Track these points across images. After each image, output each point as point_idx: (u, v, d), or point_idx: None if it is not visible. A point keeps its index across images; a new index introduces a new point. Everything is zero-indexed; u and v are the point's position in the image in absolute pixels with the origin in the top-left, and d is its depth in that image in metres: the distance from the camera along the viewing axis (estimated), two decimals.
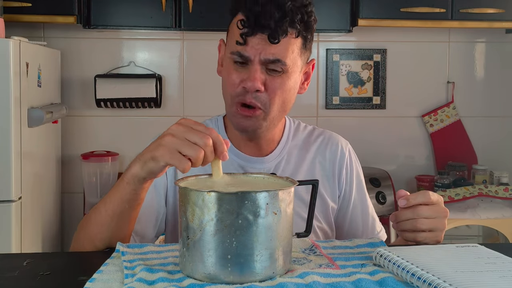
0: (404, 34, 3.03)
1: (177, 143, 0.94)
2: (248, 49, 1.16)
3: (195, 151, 0.92)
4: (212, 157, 0.94)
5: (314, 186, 1.00)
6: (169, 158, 0.94)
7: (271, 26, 1.13)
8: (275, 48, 1.15)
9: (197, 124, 0.96)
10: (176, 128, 0.95)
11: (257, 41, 1.15)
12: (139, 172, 1.00)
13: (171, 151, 0.94)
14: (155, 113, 2.91)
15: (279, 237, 0.86)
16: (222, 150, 0.94)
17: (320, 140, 1.39)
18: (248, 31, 1.15)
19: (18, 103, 2.14)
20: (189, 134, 0.93)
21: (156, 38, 2.93)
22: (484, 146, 3.10)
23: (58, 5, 2.53)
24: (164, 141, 0.95)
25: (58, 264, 0.99)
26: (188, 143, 0.93)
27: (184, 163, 0.93)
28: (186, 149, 0.93)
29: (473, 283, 0.78)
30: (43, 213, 2.51)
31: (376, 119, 3.07)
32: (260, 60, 1.16)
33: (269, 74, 1.18)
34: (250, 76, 1.16)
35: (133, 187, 1.02)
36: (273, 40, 1.14)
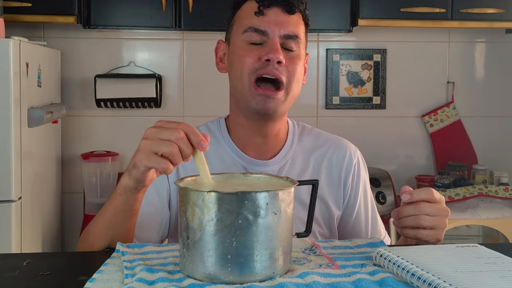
0: (404, 34, 3.03)
1: (151, 144, 0.94)
2: (266, 22, 1.19)
3: (168, 147, 0.92)
4: (189, 150, 0.93)
5: (314, 186, 1.00)
6: (147, 161, 0.95)
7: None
8: (292, 24, 1.21)
9: (169, 122, 0.95)
10: (149, 130, 0.96)
11: (274, 14, 1.20)
12: (128, 183, 1.01)
13: (147, 154, 0.95)
14: (155, 113, 2.91)
15: (279, 237, 0.86)
16: (199, 140, 0.93)
17: (328, 145, 1.37)
18: (266, 2, 1.20)
19: (18, 103, 2.14)
20: (161, 132, 0.94)
21: (156, 38, 2.93)
22: (484, 146, 3.10)
23: (58, 5, 2.53)
24: (140, 146, 0.96)
25: (58, 264, 0.99)
26: (161, 141, 0.93)
27: (162, 162, 0.93)
28: (160, 147, 0.93)
29: (473, 283, 0.78)
30: (43, 213, 2.51)
31: (376, 119, 3.07)
32: (280, 35, 1.19)
33: (286, 51, 1.21)
34: (272, 49, 1.18)
35: (124, 198, 1.03)
36: (290, 11, 1.20)
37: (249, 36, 1.20)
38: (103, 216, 1.08)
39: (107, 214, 1.07)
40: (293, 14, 1.21)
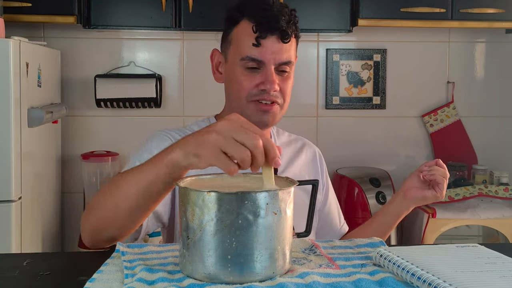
0: (404, 34, 3.03)
1: (223, 143, 0.85)
2: (263, 52, 1.27)
3: (241, 152, 0.84)
4: (262, 160, 0.85)
5: (314, 186, 1.00)
6: (214, 160, 0.86)
7: (283, 27, 1.26)
8: (285, 51, 1.29)
9: (248, 123, 0.88)
10: (223, 125, 0.87)
11: (270, 43, 1.27)
12: (180, 161, 0.92)
13: (216, 152, 0.86)
14: (155, 113, 2.91)
15: (279, 237, 0.86)
16: (274, 156, 0.86)
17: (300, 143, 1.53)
18: (262, 34, 1.26)
19: (18, 103, 2.14)
20: (237, 133, 0.85)
21: (156, 38, 2.93)
22: (484, 146, 3.10)
23: (58, 5, 2.52)
24: (209, 139, 0.87)
25: (58, 264, 0.99)
26: (234, 143, 0.85)
27: (230, 165, 0.85)
28: (232, 149, 0.85)
29: (473, 283, 0.78)
30: (43, 213, 2.51)
31: (376, 119, 3.07)
32: (275, 64, 1.28)
33: (280, 75, 1.31)
34: (268, 79, 1.28)
35: (171, 171, 0.94)
36: (285, 40, 1.27)
37: (246, 63, 1.29)
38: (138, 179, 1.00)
39: (142, 182, 0.99)
40: (288, 41, 1.28)
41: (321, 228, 1.51)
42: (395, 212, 1.42)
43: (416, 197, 1.38)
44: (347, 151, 3.03)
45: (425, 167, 1.38)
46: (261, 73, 1.29)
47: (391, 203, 1.44)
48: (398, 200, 1.42)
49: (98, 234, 1.08)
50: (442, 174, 1.36)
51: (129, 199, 1.01)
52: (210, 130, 0.88)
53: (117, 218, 1.04)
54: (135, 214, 1.04)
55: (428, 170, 1.37)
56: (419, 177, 1.40)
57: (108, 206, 1.05)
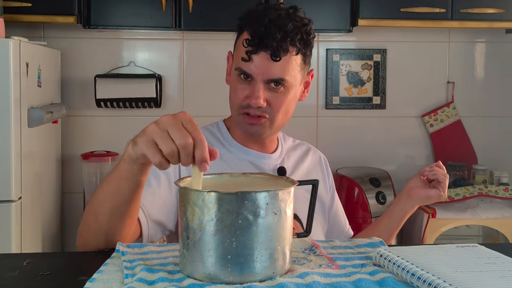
0: (404, 34, 3.03)
1: (156, 134, 0.88)
2: (251, 67, 1.27)
3: (167, 146, 0.87)
4: (189, 161, 0.87)
5: (314, 186, 1.00)
6: (145, 148, 0.89)
7: (273, 46, 1.24)
8: (276, 67, 1.26)
9: (189, 122, 0.89)
10: (165, 118, 0.90)
11: (260, 59, 1.26)
12: (131, 153, 0.95)
13: (148, 141, 0.89)
14: (155, 113, 2.91)
15: (279, 237, 0.86)
16: (202, 159, 0.86)
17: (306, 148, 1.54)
18: (252, 49, 1.25)
19: (18, 103, 2.14)
20: (172, 128, 0.87)
21: (156, 38, 2.93)
22: (484, 146, 3.10)
23: (58, 5, 2.53)
24: (147, 128, 0.91)
25: (58, 264, 0.99)
26: (166, 137, 0.87)
27: (157, 157, 0.88)
28: (161, 142, 0.87)
29: (473, 283, 0.78)
30: (43, 213, 2.51)
31: (376, 119, 3.07)
32: (263, 80, 1.27)
33: (271, 91, 1.29)
34: (253, 94, 1.28)
35: (129, 165, 0.97)
36: (275, 58, 1.25)
37: (239, 74, 1.30)
38: (109, 183, 1.04)
39: (112, 181, 1.03)
40: (279, 60, 1.25)
41: (330, 230, 1.53)
42: (401, 213, 1.45)
43: (420, 196, 1.42)
44: (347, 151, 3.03)
45: (426, 168, 1.44)
46: (250, 86, 1.29)
47: (396, 204, 1.46)
48: (403, 200, 1.45)
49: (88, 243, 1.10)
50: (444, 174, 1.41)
51: (104, 205, 1.05)
52: (154, 121, 0.91)
53: (99, 226, 1.07)
54: (112, 220, 1.05)
55: (430, 171, 1.42)
56: (420, 178, 1.45)
57: (91, 215, 1.08)
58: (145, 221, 1.20)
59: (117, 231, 1.07)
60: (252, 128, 1.33)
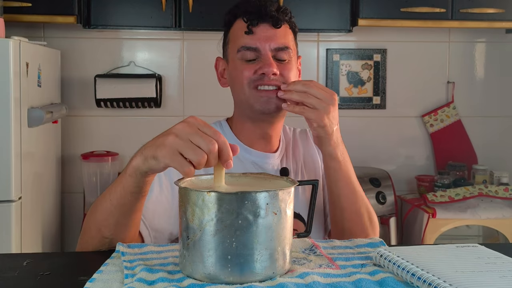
0: (404, 34, 3.03)
1: (180, 145, 0.89)
2: (256, 39, 1.28)
3: (197, 155, 0.88)
4: (215, 163, 0.89)
5: (314, 186, 1.00)
6: (170, 160, 0.90)
7: (273, 13, 1.28)
8: (280, 37, 1.29)
9: (205, 126, 0.91)
10: (181, 128, 0.91)
11: (262, 30, 1.28)
12: (140, 166, 0.96)
13: (173, 153, 0.89)
14: (155, 113, 2.91)
15: (279, 237, 0.86)
16: (227, 158, 0.90)
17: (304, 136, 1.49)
18: (253, 21, 1.27)
19: (18, 103, 2.14)
20: (194, 136, 0.89)
21: (156, 38, 2.93)
22: (484, 146, 3.10)
23: (58, 5, 2.53)
24: (167, 141, 0.91)
25: (58, 264, 0.99)
26: (191, 146, 0.88)
27: (185, 166, 0.88)
28: (188, 152, 0.88)
29: (473, 283, 0.78)
30: (43, 213, 2.51)
31: (376, 119, 3.07)
32: (271, 49, 1.28)
33: (279, 62, 1.29)
34: (265, 63, 1.27)
35: (134, 179, 0.99)
36: (277, 25, 1.28)
37: (243, 55, 1.29)
38: (112, 195, 1.04)
39: (115, 194, 1.03)
40: (280, 27, 1.29)
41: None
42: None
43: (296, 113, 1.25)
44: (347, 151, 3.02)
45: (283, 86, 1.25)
46: (259, 61, 1.28)
47: None
48: None
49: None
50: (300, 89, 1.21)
51: (108, 217, 1.05)
52: (168, 132, 0.92)
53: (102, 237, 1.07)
54: (117, 230, 1.06)
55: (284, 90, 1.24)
56: None
57: (92, 227, 1.08)
58: (147, 234, 1.21)
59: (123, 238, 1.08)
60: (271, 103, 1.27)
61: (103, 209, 1.06)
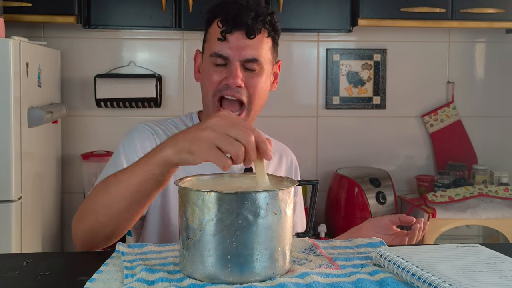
0: (404, 34, 3.03)
1: (217, 138, 0.88)
2: (227, 48, 1.28)
3: (235, 147, 0.86)
4: (255, 155, 0.88)
5: (314, 186, 1.00)
6: (208, 154, 0.88)
7: (247, 23, 1.26)
8: (252, 48, 1.28)
9: (239, 119, 0.92)
10: (216, 121, 0.90)
11: (235, 39, 1.27)
12: (172, 158, 0.94)
13: (210, 147, 0.88)
14: (155, 113, 2.91)
15: (279, 237, 0.86)
16: (266, 149, 0.89)
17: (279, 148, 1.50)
18: (227, 28, 1.27)
19: (18, 103, 2.14)
20: (230, 129, 0.88)
21: (156, 38, 2.93)
22: (484, 146, 3.10)
23: (58, 5, 2.53)
24: (203, 135, 0.89)
25: (58, 264, 0.99)
26: (228, 139, 0.87)
27: (224, 160, 0.87)
28: (226, 145, 0.87)
29: (473, 283, 0.78)
30: (43, 213, 2.51)
31: (376, 119, 3.07)
32: (240, 60, 1.28)
33: (247, 73, 1.29)
34: (231, 74, 1.27)
35: (162, 170, 0.97)
36: (250, 36, 1.27)
37: (214, 60, 1.30)
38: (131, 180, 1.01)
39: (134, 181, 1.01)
40: (254, 37, 1.27)
41: None
42: None
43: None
44: (347, 151, 3.03)
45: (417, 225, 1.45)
46: (227, 68, 1.29)
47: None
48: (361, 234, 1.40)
49: (91, 238, 1.10)
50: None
51: (120, 201, 1.04)
52: (203, 127, 0.91)
53: (110, 221, 1.06)
54: (127, 215, 1.06)
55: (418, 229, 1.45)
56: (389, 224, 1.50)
57: (100, 210, 1.06)
58: None
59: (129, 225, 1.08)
60: None
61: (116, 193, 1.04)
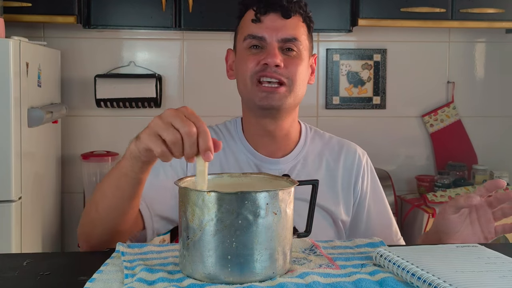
0: (404, 34, 3.03)
1: (159, 126, 0.89)
2: (263, 28, 1.23)
3: (172, 135, 0.87)
4: (193, 150, 0.87)
5: (314, 186, 1.00)
6: (148, 140, 0.91)
7: (283, 3, 1.23)
8: (289, 28, 1.23)
9: (192, 114, 0.90)
10: (168, 112, 0.91)
11: (271, 21, 1.23)
12: (134, 149, 0.97)
13: (151, 133, 0.90)
14: (155, 113, 2.86)
15: (279, 237, 0.86)
16: (206, 148, 0.86)
17: (338, 148, 1.39)
18: (262, 9, 1.23)
19: (18, 103, 2.14)
20: (175, 119, 0.88)
21: (156, 38, 2.93)
22: (484, 146, 3.10)
23: (58, 5, 2.53)
24: (151, 123, 0.92)
25: (58, 264, 0.99)
26: (169, 127, 0.88)
27: (159, 147, 0.89)
28: (164, 132, 0.88)
29: (473, 283, 0.78)
30: (43, 213, 2.51)
31: (376, 119, 3.07)
32: (277, 40, 1.23)
33: (286, 55, 1.24)
34: (269, 53, 1.22)
35: (130, 163, 0.99)
36: (287, 16, 1.23)
37: (249, 43, 1.25)
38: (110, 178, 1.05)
39: (113, 177, 1.04)
40: (290, 18, 1.24)
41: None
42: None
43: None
44: None
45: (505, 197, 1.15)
46: (264, 51, 1.24)
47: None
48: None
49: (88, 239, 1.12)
50: None
51: (104, 200, 1.06)
52: (156, 116, 0.93)
53: (99, 220, 1.08)
54: (112, 215, 1.07)
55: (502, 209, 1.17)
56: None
57: (92, 209, 1.09)
58: (148, 215, 1.21)
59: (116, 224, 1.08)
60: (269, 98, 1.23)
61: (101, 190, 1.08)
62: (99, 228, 1.09)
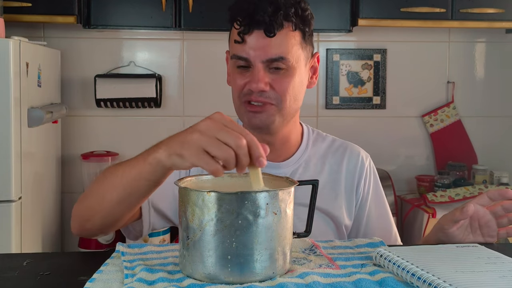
0: (404, 34, 3.03)
1: (206, 142, 0.84)
2: (247, 50, 1.17)
3: (224, 152, 0.83)
4: (247, 161, 0.84)
5: (314, 186, 1.00)
6: (196, 159, 0.85)
7: (265, 20, 1.14)
8: (275, 46, 1.16)
9: (231, 122, 0.86)
10: (206, 124, 0.85)
11: (255, 39, 1.16)
12: (164, 161, 0.91)
13: (198, 151, 0.84)
14: (155, 113, 2.91)
15: (279, 237, 0.86)
16: (258, 155, 0.84)
17: (341, 151, 1.38)
18: (244, 29, 1.16)
19: (18, 103, 2.14)
20: (220, 132, 0.84)
21: (156, 38, 2.93)
22: (484, 146, 3.10)
23: (58, 5, 2.52)
24: (192, 138, 0.85)
25: (58, 264, 0.99)
26: (217, 142, 0.83)
27: (212, 165, 0.83)
28: (215, 149, 0.83)
29: (473, 283, 0.78)
30: (43, 213, 2.51)
31: (376, 119, 3.07)
32: (262, 61, 1.17)
33: (274, 73, 1.19)
34: (253, 78, 1.18)
35: (154, 170, 0.94)
36: (269, 34, 1.15)
37: (235, 62, 1.21)
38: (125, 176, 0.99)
39: (128, 175, 0.99)
40: (274, 35, 1.16)
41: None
42: None
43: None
44: None
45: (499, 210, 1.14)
46: (250, 71, 1.19)
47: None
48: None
49: (83, 223, 1.10)
50: None
51: (113, 192, 1.02)
52: (193, 129, 0.87)
53: (101, 209, 1.05)
54: (117, 207, 1.04)
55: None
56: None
57: (95, 195, 1.07)
58: (146, 206, 1.20)
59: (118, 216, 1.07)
60: (257, 119, 1.20)
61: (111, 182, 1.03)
62: (98, 216, 1.06)
